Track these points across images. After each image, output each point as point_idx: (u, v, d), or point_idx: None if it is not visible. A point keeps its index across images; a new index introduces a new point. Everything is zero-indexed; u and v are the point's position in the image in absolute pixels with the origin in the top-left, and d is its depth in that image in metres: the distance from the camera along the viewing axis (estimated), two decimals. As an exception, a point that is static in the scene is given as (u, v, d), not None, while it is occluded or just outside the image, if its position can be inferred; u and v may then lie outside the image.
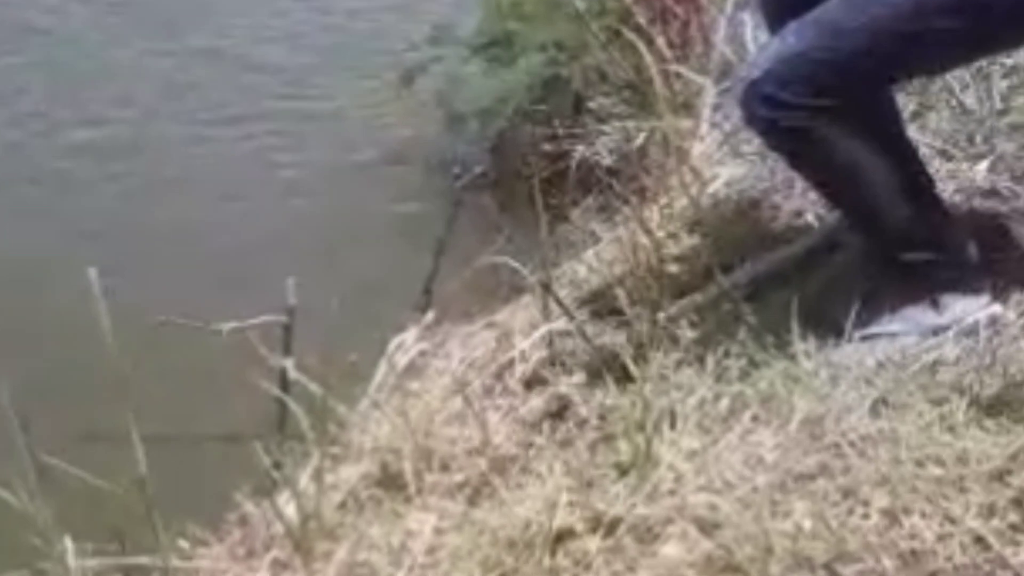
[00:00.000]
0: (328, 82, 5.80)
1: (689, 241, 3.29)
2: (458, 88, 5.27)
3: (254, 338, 2.98)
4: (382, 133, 5.48)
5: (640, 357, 2.65)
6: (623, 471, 2.30)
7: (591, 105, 4.77)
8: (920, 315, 2.48)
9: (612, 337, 2.81)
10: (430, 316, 3.59)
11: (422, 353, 3.36)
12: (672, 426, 2.39)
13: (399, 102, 5.36)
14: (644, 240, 3.22)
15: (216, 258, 4.63)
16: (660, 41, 4.29)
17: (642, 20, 4.32)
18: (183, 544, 2.74)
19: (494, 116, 5.21)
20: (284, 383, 2.82)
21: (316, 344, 3.74)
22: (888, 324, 2.49)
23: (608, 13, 4.73)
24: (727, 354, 2.49)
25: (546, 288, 2.88)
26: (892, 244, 2.49)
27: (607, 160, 4.66)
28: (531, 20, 4.87)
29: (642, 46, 4.35)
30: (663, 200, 3.82)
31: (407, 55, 5.32)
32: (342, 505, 2.63)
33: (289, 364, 2.82)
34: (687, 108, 4.20)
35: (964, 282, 2.48)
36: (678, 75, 4.24)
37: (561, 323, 2.83)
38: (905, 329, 2.48)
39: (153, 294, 4.17)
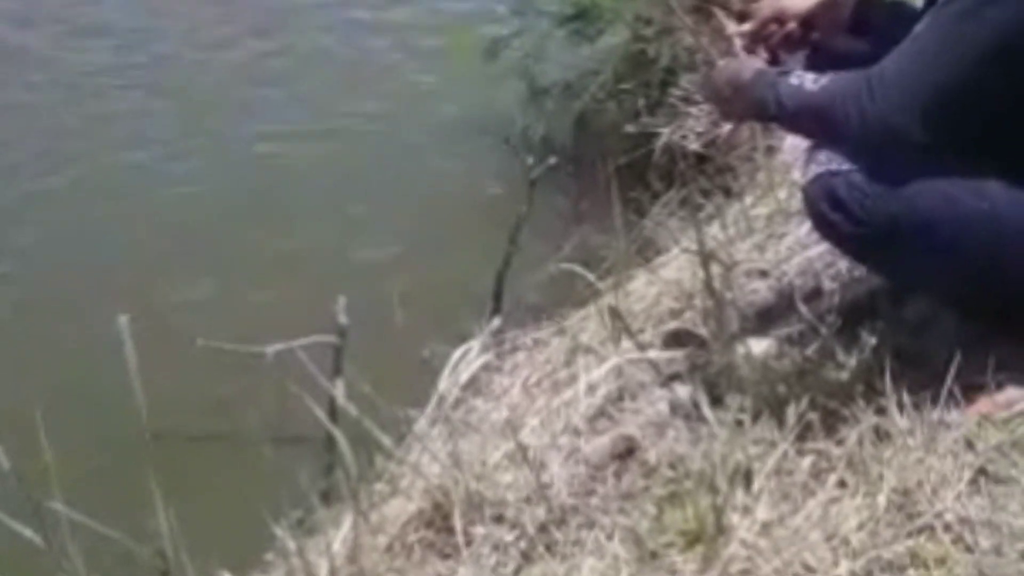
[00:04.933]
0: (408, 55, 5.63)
1: (774, 253, 3.04)
2: (540, 61, 5.06)
3: (304, 356, 2.80)
4: (463, 105, 5.27)
5: (715, 399, 2.43)
6: (691, 540, 2.07)
7: (679, 85, 4.51)
8: (1030, 368, 2.22)
9: (685, 370, 2.57)
10: (496, 322, 3.39)
11: (486, 367, 3.17)
12: (747, 486, 2.16)
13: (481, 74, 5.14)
14: (722, 254, 2.99)
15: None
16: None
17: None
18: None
19: (577, 91, 4.98)
20: (333, 411, 2.64)
21: (379, 337, 3.60)
22: (992, 376, 2.22)
23: (699, -12, 4.46)
24: (812, 404, 2.24)
25: (617, 316, 2.65)
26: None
27: (693, 145, 4.41)
28: (618, -6, 4.61)
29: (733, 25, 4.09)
30: (748, 199, 3.57)
31: (489, 26, 5.09)
32: (389, 548, 2.45)
33: (339, 391, 2.63)
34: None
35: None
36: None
37: (631, 354, 2.60)
38: (1013, 382, 2.22)
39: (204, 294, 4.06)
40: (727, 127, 4.06)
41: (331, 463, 2.68)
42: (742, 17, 2.45)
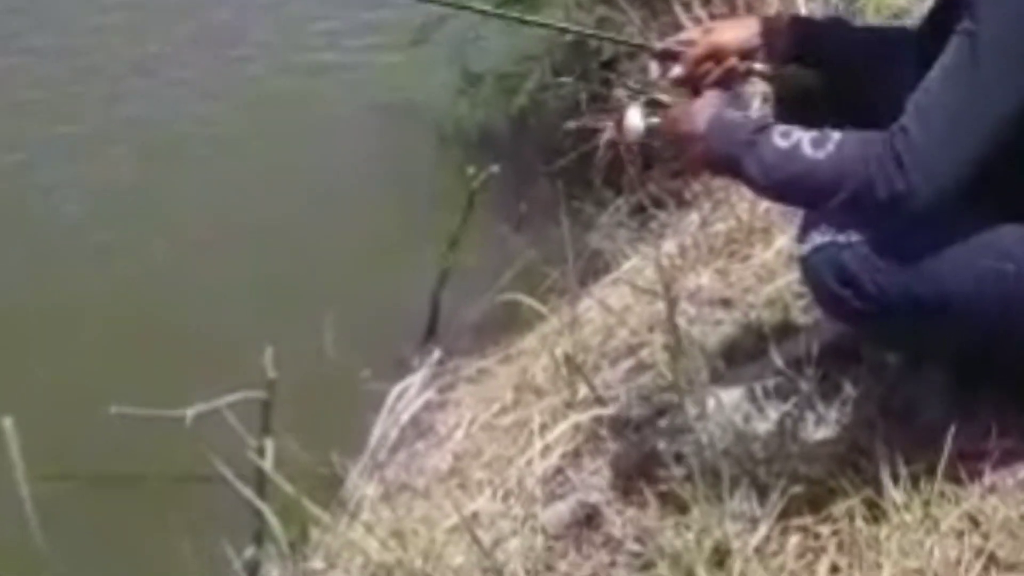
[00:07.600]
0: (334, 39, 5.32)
1: (737, 278, 2.81)
2: (474, 47, 4.78)
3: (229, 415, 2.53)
4: (392, 95, 4.96)
5: (680, 458, 2.19)
6: (666, 639, 1.85)
7: (622, 78, 4.25)
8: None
9: (648, 425, 2.33)
10: (435, 355, 3.13)
11: (427, 406, 2.92)
12: (728, 572, 1.94)
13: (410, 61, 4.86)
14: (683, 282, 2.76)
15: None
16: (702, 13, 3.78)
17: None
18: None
19: (513, 80, 4.71)
20: (261, 481, 2.38)
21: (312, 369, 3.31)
22: (994, 441, 2.00)
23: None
24: (795, 476, 2.02)
25: (575, 367, 2.41)
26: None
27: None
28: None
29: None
30: (706, 207, 3.33)
31: (418, 10, 4.78)
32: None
33: (268, 459, 2.37)
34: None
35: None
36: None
37: (591, 411, 2.35)
38: (1016, 448, 2.00)
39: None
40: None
41: (259, 533, 2.42)
42: (666, 57, 2.14)
